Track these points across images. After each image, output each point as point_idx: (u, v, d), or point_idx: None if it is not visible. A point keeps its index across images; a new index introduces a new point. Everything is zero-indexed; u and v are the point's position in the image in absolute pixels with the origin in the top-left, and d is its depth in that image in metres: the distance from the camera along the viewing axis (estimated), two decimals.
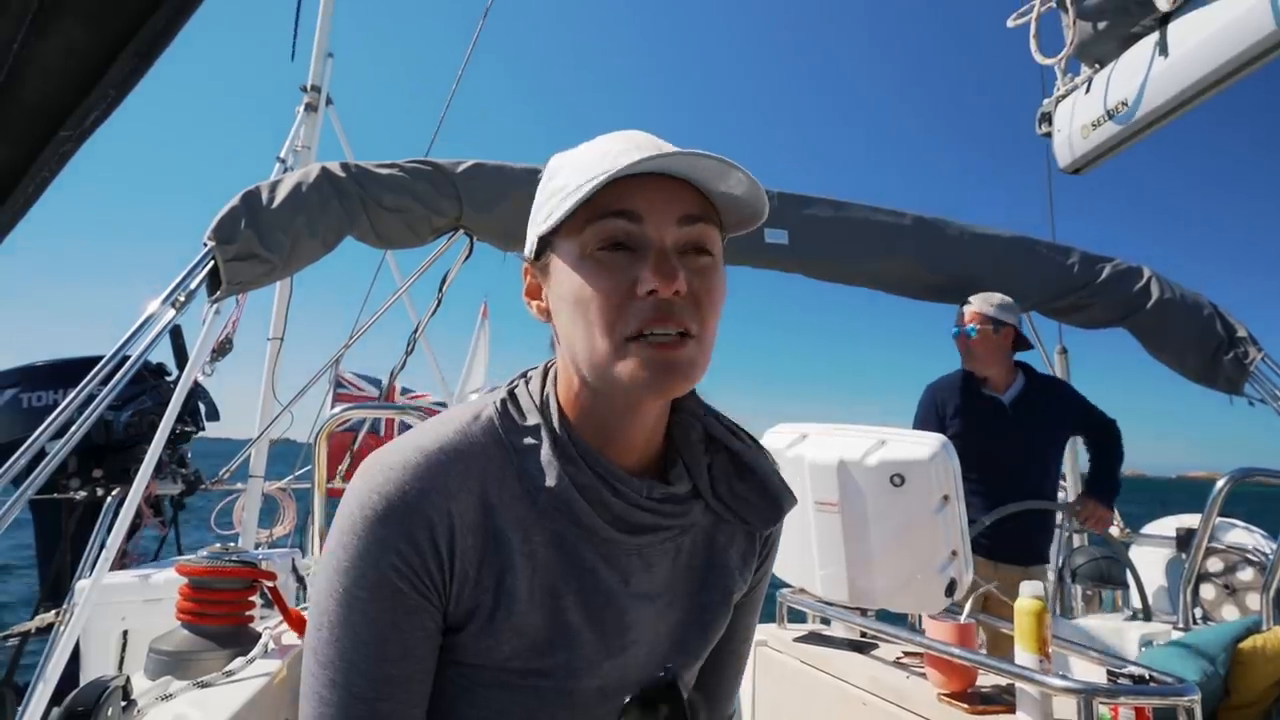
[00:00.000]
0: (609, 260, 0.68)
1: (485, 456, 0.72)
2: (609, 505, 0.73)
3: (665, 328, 0.67)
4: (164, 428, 2.04)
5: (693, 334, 0.68)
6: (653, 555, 0.77)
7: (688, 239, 0.69)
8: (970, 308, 2.93)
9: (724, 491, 0.80)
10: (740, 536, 0.85)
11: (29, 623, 2.45)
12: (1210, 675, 1.70)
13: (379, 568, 0.66)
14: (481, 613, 0.70)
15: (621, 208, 0.67)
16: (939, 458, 1.66)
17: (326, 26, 4.32)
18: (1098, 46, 2.85)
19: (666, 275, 0.66)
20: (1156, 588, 3.16)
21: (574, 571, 0.73)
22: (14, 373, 3.10)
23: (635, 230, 0.68)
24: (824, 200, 3.18)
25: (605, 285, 0.67)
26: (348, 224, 2.50)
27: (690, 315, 0.68)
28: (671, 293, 0.66)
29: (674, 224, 0.69)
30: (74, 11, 0.37)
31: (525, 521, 0.71)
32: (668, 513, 0.76)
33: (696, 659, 0.83)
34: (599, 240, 0.68)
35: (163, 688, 1.35)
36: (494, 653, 0.71)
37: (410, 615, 0.68)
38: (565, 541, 0.73)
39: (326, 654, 0.68)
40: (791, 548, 1.94)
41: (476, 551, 0.70)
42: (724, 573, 0.82)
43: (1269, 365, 3.15)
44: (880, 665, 1.80)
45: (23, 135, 0.40)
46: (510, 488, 0.72)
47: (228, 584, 1.60)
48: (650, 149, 0.68)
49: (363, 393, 5.95)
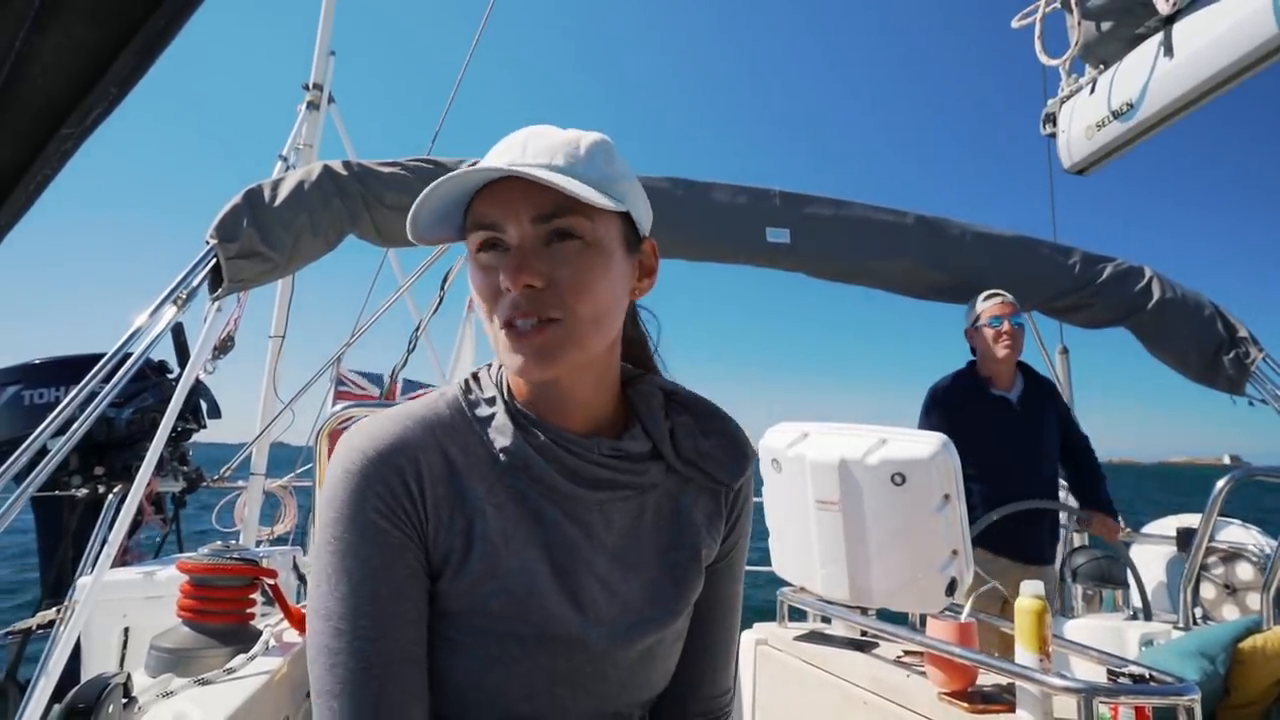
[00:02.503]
0: (484, 262, 0.76)
1: (449, 425, 0.80)
2: (563, 462, 0.79)
3: (525, 318, 0.74)
4: (165, 425, 2.04)
5: (556, 319, 0.74)
6: (613, 512, 0.82)
7: (547, 232, 0.75)
8: (999, 299, 2.91)
9: (688, 449, 0.86)
10: (704, 497, 0.89)
11: (30, 620, 2.45)
12: (1210, 675, 1.70)
13: (364, 511, 0.73)
14: (455, 556, 0.76)
15: (482, 221, 0.75)
16: (940, 457, 1.66)
17: (328, 25, 4.32)
18: (1102, 47, 2.84)
19: (513, 273, 0.73)
20: (1156, 587, 3.16)
21: (538, 525, 0.79)
22: (15, 370, 3.10)
23: (499, 235, 0.75)
24: (825, 199, 3.18)
25: (481, 285, 0.76)
26: (349, 222, 2.50)
27: (553, 303, 0.74)
28: (521, 288, 0.73)
29: (528, 223, 0.74)
30: (76, 9, 0.37)
31: (489, 479, 0.78)
32: (624, 469, 0.82)
33: (674, 615, 0.85)
34: (475, 245, 0.77)
35: (164, 685, 1.36)
36: (472, 598, 0.76)
37: (398, 552, 0.74)
38: (528, 498, 0.79)
39: (327, 606, 0.73)
40: (792, 546, 1.94)
41: (447, 500, 0.76)
42: (690, 530, 0.87)
43: (1270, 365, 3.15)
44: (881, 664, 1.80)
45: (24, 133, 0.40)
46: (474, 450, 0.79)
47: (229, 581, 1.60)
48: (516, 150, 0.76)
49: (364, 391, 5.94)
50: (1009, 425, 2.89)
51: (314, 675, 0.73)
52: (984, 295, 2.96)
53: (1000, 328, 2.87)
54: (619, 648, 0.81)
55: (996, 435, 2.85)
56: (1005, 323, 2.87)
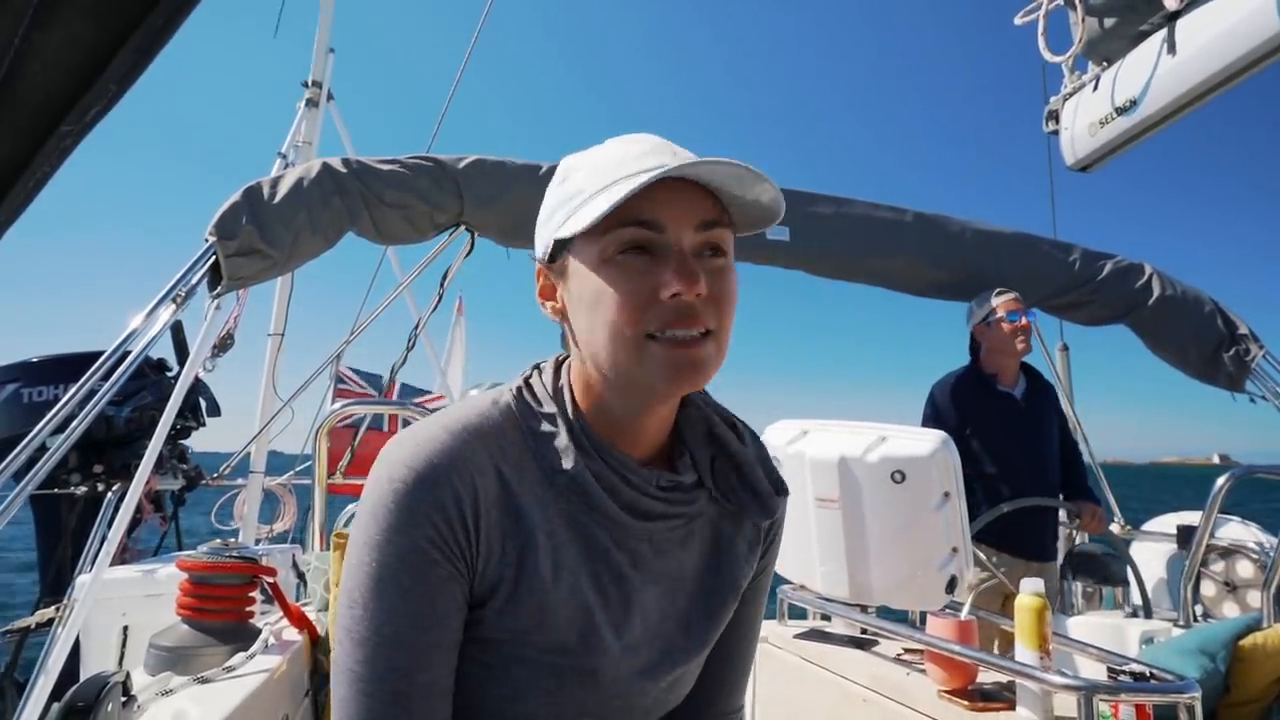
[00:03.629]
0: (630, 264, 0.70)
1: (505, 439, 0.75)
2: (620, 492, 0.76)
3: (688, 328, 0.70)
4: (165, 423, 2.03)
5: (711, 331, 0.71)
6: (663, 542, 0.80)
7: (705, 242, 0.72)
8: (1012, 295, 2.91)
9: (723, 484, 0.83)
10: (747, 526, 0.87)
11: (29, 618, 2.45)
12: (1211, 672, 1.70)
13: (412, 538, 0.68)
14: (505, 586, 0.72)
15: (643, 218, 0.70)
16: (939, 454, 1.66)
17: (328, 22, 4.32)
18: (1105, 44, 2.84)
19: (689, 279, 0.69)
20: (1157, 584, 3.16)
21: (589, 552, 0.75)
22: (14, 367, 3.10)
23: (656, 237, 0.70)
24: (826, 197, 3.18)
25: (628, 288, 0.70)
26: (349, 220, 2.50)
27: (711, 315, 0.71)
28: (694, 295, 0.69)
29: (692, 229, 0.71)
30: (75, 6, 0.37)
31: (543, 501, 0.74)
32: (675, 500, 0.79)
33: (704, 646, 0.84)
34: (620, 245, 0.70)
35: (163, 683, 1.35)
36: (515, 628, 0.73)
37: (443, 584, 0.70)
38: (580, 523, 0.75)
39: (361, 632, 0.69)
40: (792, 544, 1.94)
41: (500, 526, 0.72)
42: (732, 561, 0.85)
43: (1270, 362, 3.15)
44: (881, 662, 1.80)
45: (24, 130, 0.40)
46: (529, 469, 0.74)
47: (228, 579, 1.60)
48: (666, 153, 0.72)
49: (363, 389, 5.94)
50: (1014, 422, 2.89)
51: (337, 697, 0.70)
52: (996, 291, 2.95)
53: (1018, 322, 2.87)
54: (649, 680, 0.80)
55: (1002, 432, 2.86)
56: (1022, 317, 2.87)
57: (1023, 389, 2.96)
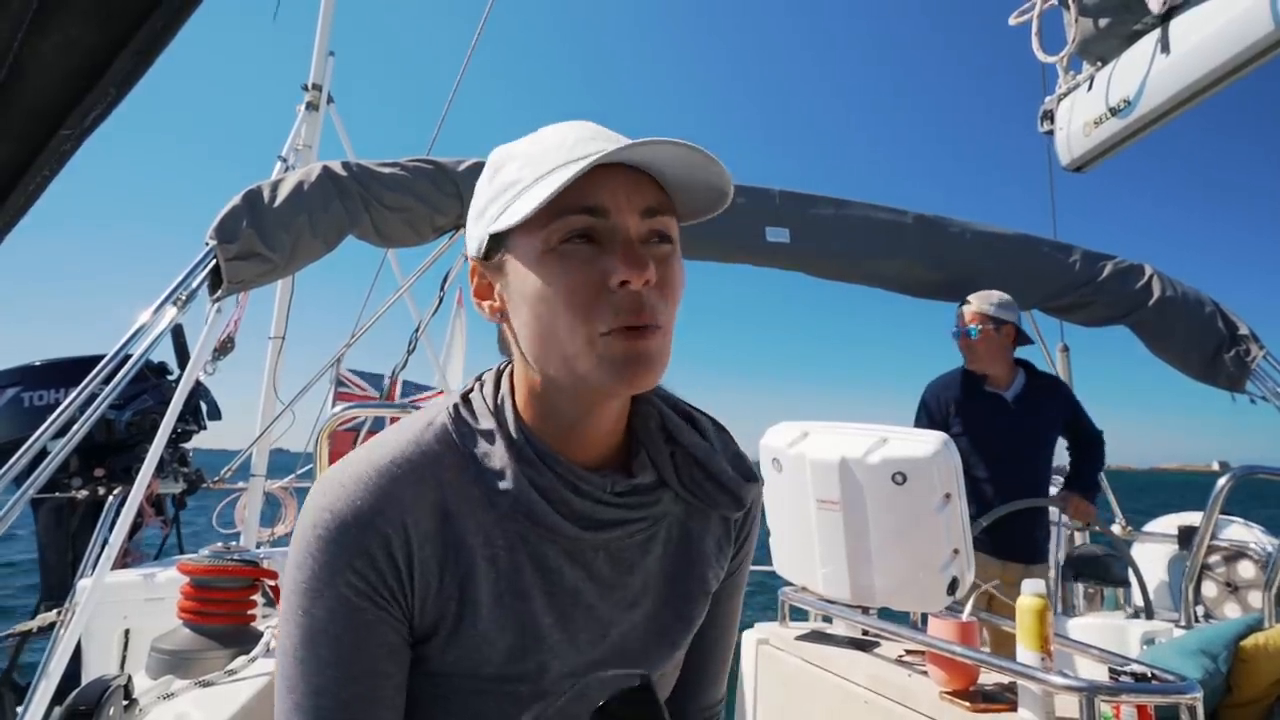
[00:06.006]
0: (575, 253, 0.66)
1: (440, 464, 0.71)
2: (570, 504, 0.71)
3: (640, 320, 0.66)
4: (166, 426, 2.04)
5: (660, 325, 0.67)
6: (620, 550, 0.76)
7: (651, 229, 0.68)
8: (970, 308, 2.93)
9: (687, 480, 0.78)
10: (715, 523, 0.83)
11: (30, 622, 2.45)
12: (1212, 673, 1.70)
13: (335, 586, 0.66)
14: (447, 622, 0.69)
15: (587, 204, 0.66)
16: (940, 456, 1.66)
17: (327, 25, 4.32)
18: (1099, 44, 2.85)
19: (638, 265, 0.65)
20: (1158, 585, 3.16)
21: (539, 573, 0.71)
22: (15, 372, 3.10)
23: (602, 224, 0.66)
24: (825, 199, 3.19)
25: (574, 280, 0.65)
26: (349, 223, 2.50)
27: (659, 307, 0.67)
28: (643, 283, 0.65)
29: (638, 215, 0.67)
30: (74, 8, 0.37)
31: (485, 526, 0.70)
32: (634, 504, 0.75)
33: (678, 648, 0.82)
34: (564, 233, 0.66)
35: (164, 687, 1.35)
36: (464, 661, 0.70)
37: (372, 631, 0.67)
38: (528, 543, 0.71)
39: (292, 679, 0.67)
40: (793, 546, 1.94)
41: (436, 561, 0.68)
42: (700, 560, 0.81)
43: (1270, 363, 3.15)
44: (882, 663, 1.80)
45: (23, 134, 0.40)
46: (468, 493, 0.70)
47: (229, 583, 1.60)
48: (605, 139, 0.68)
49: (364, 392, 5.94)
50: (999, 423, 2.89)
51: None
52: (963, 300, 2.98)
53: (966, 338, 2.91)
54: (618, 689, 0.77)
55: (987, 433, 2.87)
56: (962, 332, 2.91)
57: (1017, 390, 2.95)
